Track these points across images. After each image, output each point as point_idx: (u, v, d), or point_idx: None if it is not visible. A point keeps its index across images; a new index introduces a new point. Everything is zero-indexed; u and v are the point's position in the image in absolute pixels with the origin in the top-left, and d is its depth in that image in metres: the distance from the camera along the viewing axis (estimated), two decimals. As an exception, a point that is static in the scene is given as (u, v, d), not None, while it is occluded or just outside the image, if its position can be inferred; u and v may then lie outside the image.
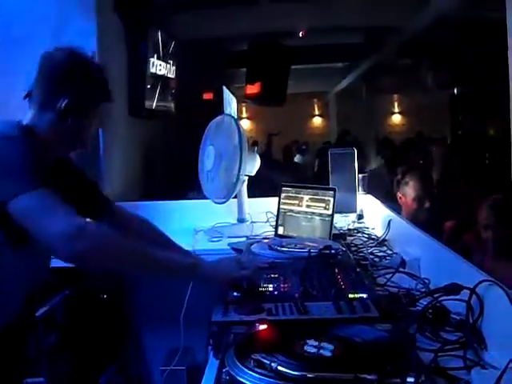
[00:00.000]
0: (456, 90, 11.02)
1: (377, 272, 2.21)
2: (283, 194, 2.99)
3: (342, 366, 1.11)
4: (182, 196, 4.16)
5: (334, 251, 2.14)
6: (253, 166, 3.29)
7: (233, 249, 2.82)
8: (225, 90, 9.44)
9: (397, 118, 15.38)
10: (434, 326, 1.58)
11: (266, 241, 2.54)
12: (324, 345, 1.24)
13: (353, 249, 2.59)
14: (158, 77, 5.00)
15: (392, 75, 11.54)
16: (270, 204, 3.35)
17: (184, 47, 6.22)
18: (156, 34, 4.83)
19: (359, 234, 2.99)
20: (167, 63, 5.27)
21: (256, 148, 3.44)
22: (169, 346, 3.21)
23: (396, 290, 1.93)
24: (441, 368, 1.31)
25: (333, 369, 1.10)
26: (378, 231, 3.03)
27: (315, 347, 1.23)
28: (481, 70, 8.30)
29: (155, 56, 4.87)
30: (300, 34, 7.36)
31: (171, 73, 5.44)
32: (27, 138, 1.74)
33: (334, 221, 2.82)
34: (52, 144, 1.84)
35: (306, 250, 2.16)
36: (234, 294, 1.71)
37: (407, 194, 3.39)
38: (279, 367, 1.11)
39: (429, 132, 10.88)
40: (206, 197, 3.35)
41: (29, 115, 1.85)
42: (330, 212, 2.77)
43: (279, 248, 2.24)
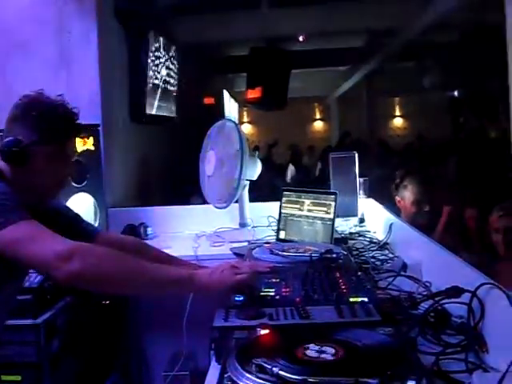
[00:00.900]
0: (456, 93, 11.03)
1: (378, 276, 2.21)
2: (284, 199, 2.99)
3: (343, 370, 1.11)
4: (184, 201, 4.17)
5: (335, 255, 2.14)
6: (254, 170, 3.29)
7: (234, 254, 2.82)
8: (225, 94, 9.48)
9: (398, 121, 15.39)
10: (436, 330, 1.58)
11: (268, 245, 2.54)
12: (325, 349, 1.24)
13: (354, 252, 2.59)
14: (159, 82, 5.02)
15: (393, 78, 11.56)
16: (271, 208, 3.35)
17: (185, 52, 6.24)
18: (157, 39, 4.83)
19: (361, 238, 2.99)
20: (168, 69, 5.29)
21: (257, 153, 3.43)
22: (171, 352, 3.21)
23: (397, 293, 1.92)
24: (442, 371, 1.31)
25: (334, 373, 1.10)
26: (380, 235, 3.03)
27: (316, 351, 1.23)
28: (481, 72, 8.31)
29: (156, 61, 4.88)
30: (300, 39, 7.39)
31: (172, 78, 5.46)
32: (3, 182, 1.75)
33: (336, 225, 2.82)
34: (15, 189, 1.78)
35: (308, 254, 2.15)
36: (236, 298, 1.71)
37: (406, 197, 3.40)
38: (281, 372, 1.11)
39: (430, 134, 10.89)
40: (207, 202, 3.36)
41: None
42: (331, 216, 2.77)
43: (280, 252, 2.23)
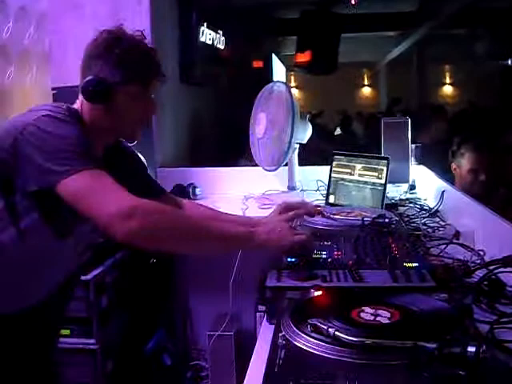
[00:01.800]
0: (510, 61, 10.74)
1: (430, 243, 2.18)
2: (335, 163, 2.97)
3: (400, 334, 1.10)
4: (233, 163, 4.17)
5: (387, 220, 2.12)
6: (304, 133, 3.27)
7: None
8: (274, 58, 9.41)
9: (448, 89, 15.10)
10: (490, 298, 1.55)
11: (318, 208, 2.53)
12: (380, 312, 1.23)
13: (405, 219, 2.56)
14: (208, 45, 5.01)
15: (445, 45, 11.30)
16: (320, 172, 3.33)
17: (234, 14, 6.19)
18: (206, 1, 4.83)
19: (411, 205, 2.95)
20: (217, 33, 5.27)
21: (308, 116, 3.40)
22: (216, 311, 3.24)
23: (450, 261, 1.90)
24: (497, 340, 1.29)
25: (391, 336, 1.09)
26: (431, 202, 2.99)
27: (371, 314, 1.22)
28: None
29: (205, 24, 4.87)
30: (352, 2, 7.25)
31: (220, 42, 5.44)
32: (75, 121, 1.68)
33: (386, 191, 2.80)
34: (95, 129, 1.78)
35: (359, 218, 2.14)
36: (288, 259, 1.70)
37: (462, 165, 3.31)
38: (337, 333, 1.10)
39: (480, 103, 10.65)
40: (256, 164, 3.36)
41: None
42: (382, 181, 2.74)
43: (332, 215, 2.22)
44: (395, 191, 3.18)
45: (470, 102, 10.55)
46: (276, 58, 9.35)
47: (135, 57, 1.78)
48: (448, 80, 15.08)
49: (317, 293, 1.37)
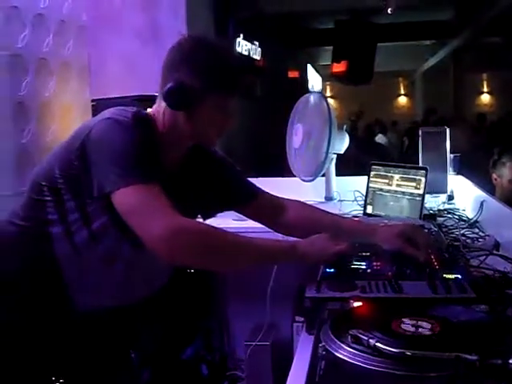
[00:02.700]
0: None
1: (469, 254, 2.16)
2: (373, 173, 2.96)
3: (441, 346, 1.10)
4: (270, 174, 4.17)
5: (426, 231, 2.11)
6: (341, 144, 3.27)
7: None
8: (310, 68, 9.42)
9: (485, 98, 14.95)
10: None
11: (356, 219, 2.53)
12: (421, 324, 1.23)
13: (444, 230, 2.54)
14: (244, 56, 5.04)
15: (482, 53, 11.20)
16: (357, 183, 3.32)
17: (269, 26, 6.23)
18: (243, 14, 4.86)
19: (449, 215, 2.92)
20: (253, 44, 5.30)
21: (345, 126, 3.40)
22: (254, 321, 3.24)
23: (490, 272, 1.88)
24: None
25: (432, 348, 1.09)
26: (469, 213, 2.96)
27: (412, 326, 1.22)
28: None
29: (241, 36, 4.90)
30: (388, 11, 7.22)
31: (256, 53, 5.47)
32: (140, 125, 1.65)
33: (424, 201, 2.78)
34: (170, 136, 1.76)
35: (398, 229, 2.12)
36: (327, 270, 1.71)
37: (504, 175, 3.26)
38: (378, 344, 1.10)
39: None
40: (293, 175, 3.36)
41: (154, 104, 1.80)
42: (421, 192, 2.73)
43: (370, 226, 2.21)
44: (433, 202, 3.16)
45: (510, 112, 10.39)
46: (311, 68, 9.37)
47: (222, 65, 1.74)
48: (485, 88, 14.94)
49: (356, 304, 1.38)
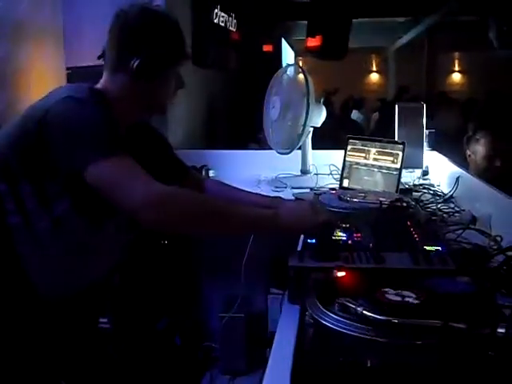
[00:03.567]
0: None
1: (446, 228, 2.18)
2: (349, 147, 2.97)
3: (428, 314, 1.11)
4: (243, 146, 4.17)
5: (405, 204, 2.12)
6: (319, 117, 3.26)
7: (297, 199, 2.81)
8: (284, 42, 9.34)
9: (457, 77, 15.04)
10: (509, 283, 1.56)
11: (334, 192, 2.53)
12: (405, 293, 1.23)
13: (420, 204, 2.56)
14: (221, 28, 4.99)
15: (456, 32, 11.24)
16: (333, 156, 3.33)
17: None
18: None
19: (425, 190, 2.95)
20: (229, 15, 5.24)
21: (322, 99, 3.40)
22: (227, 293, 3.25)
23: (469, 246, 1.90)
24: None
25: (419, 316, 1.10)
26: (444, 188, 2.98)
27: (397, 295, 1.22)
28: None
29: (218, 7, 4.84)
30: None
31: (232, 25, 5.41)
32: (100, 101, 1.66)
33: (401, 176, 2.80)
34: (125, 109, 1.77)
35: (377, 201, 2.14)
36: (308, 240, 1.71)
37: (478, 151, 3.28)
38: (365, 312, 1.11)
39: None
40: (268, 147, 3.36)
41: (102, 78, 1.79)
42: (397, 166, 2.75)
43: (349, 199, 2.22)
44: (408, 176, 3.18)
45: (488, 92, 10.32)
46: (285, 43, 9.33)
47: (176, 35, 1.80)
48: (457, 67, 15.02)
49: (340, 273, 1.38)
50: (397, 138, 3.27)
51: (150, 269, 3.05)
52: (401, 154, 2.76)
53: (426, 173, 3.33)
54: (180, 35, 1.82)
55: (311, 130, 3.25)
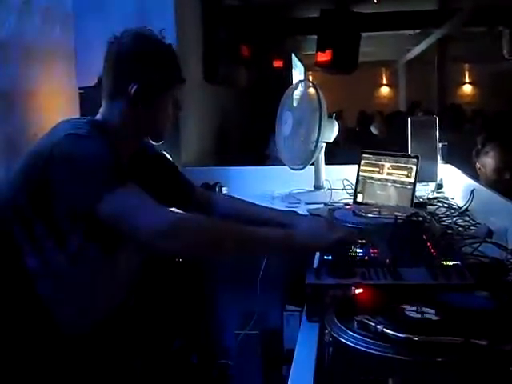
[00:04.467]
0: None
1: (462, 242, 2.17)
2: (363, 161, 2.96)
3: (448, 331, 1.09)
4: (258, 162, 4.18)
5: (421, 218, 2.11)
6: (331, 132, 3.26)
7: (312, 215, 2.80)
8: (294, 57, 9.37)
9: (468, 88, 15.03)
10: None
11: (349, 207, 2.52)
12: (425, 310, 1.22)
13: (435, 218, 2.55)
14: (231, 44, 5.01)
15: (465, 44, 11.24)
16: (346, 171, 3.33)
17: (254, 14, 6.20)
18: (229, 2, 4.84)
19: (439, 204, 2.94)
20: (238, 32, 5.28)
21: (334, 115, 3.40)
22: (243, 310, 3.24)
23: (486, 259, 1.89)
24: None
25: (439, 333, 1.09)
26: (458, 201, 2.97)
27: (416, 312, 1.21)
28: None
29: (229, 23, 4.88)
30: (375, 0, 7.23)
31: (243, 40, 5.45)
32: (101, 134, 1.66)
33: (415, 189, 2.79)
34: (125, 137, 1.79)
35: (392, 216, 2.13)
36: (324, 257, 1.70)
37: (487, 164, 3.27)
38: (385, 329, 1.10)
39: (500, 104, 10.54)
40: (278, 163, 3.36)
41: (101, 108, 1.80)
42: (412, 180, 2.74)
43: (364, 214, 2.21)
44: (422, 190, 3.17)
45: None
46: (295, 58, 9.36)
47: (171, 60, 1.82)
48: (468, 79, 15.01)
49: (358, 290, 1.37)
50: (410, 152, 3.27)
51: (164, 287, 3.05)
52: (415, 167, 2.75)
53: (440, 186, 3.32)
54: (174, 59, 1.83)
55: (324, 145, 3.25)
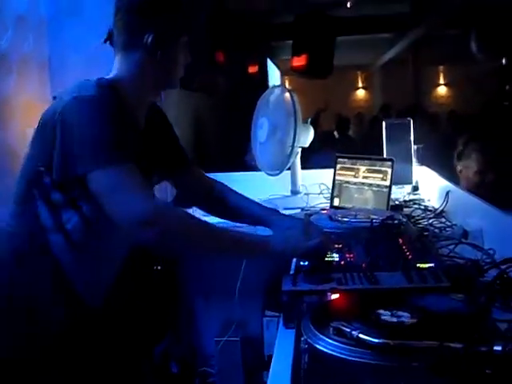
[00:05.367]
0: (505, 60, 10.74)
1: (438, 243, 2.18)
2: (339, 166, 2.97)
3: (423, 335, 1.10)
4: (234, 168, 4.17)
5: (397, 221, 2.12)
6: (306, 137, 3.27)
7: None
8: (269, 62, 9.37)
9: (443, 90, 15.14)
10: (504, 297, 1.55)
11: (325, 212, 2.53)
12: (400, 314, 1.22)
13: (411, 220, 2.56)
14: (205, 50, 5.00)
15: (439, 46, 11.32)
16: (322, 176, 3.33)
17: (229, 20, 6.21)
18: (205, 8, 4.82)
19: (415, 206, 2.95)
20: (214, 38, 5.27)
21: (310, 119, 3.41)
22: (222, 317, 3.23)
23: (461, 261, 1.90)
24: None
25: (415, 337, 1.09)
26: (434, 203, 2.99)
27: (392, 316, 1.22)
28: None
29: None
30: (348, 5, 7.27)
31: (217, 48, 5.44)
32: (107, 97, 1.65)
33: (391, 192, 2.80)
34: (142, 88, 1.80)
35: (368, 220, 2.13)
36: (301, 263, 1.70)
37: (469, 166, 3.26)
38: (361, 335, 1.10)
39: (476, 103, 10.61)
40: (256, 169, 3.36)
41: (115, 61, 1.81)
42: (387, 183, 2.74)
43: (340, 218, 2.21)
44: (398, 193, 3.19)
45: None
46: (270, 63, 9.38)
47: (181, 6, 1.81)
48: (442, 81, 15.13)
49: (334, 296, 1.37)
50: (385, 155, 3.28)
51: (144, 295, 3.03)
52: (390, 170, 2.75)
53: (416, 188, 3.34)
54: (184, 6, 1.83)
55: (300, 150, 3.25)
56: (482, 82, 11.32)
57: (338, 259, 1.74)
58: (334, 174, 2.97)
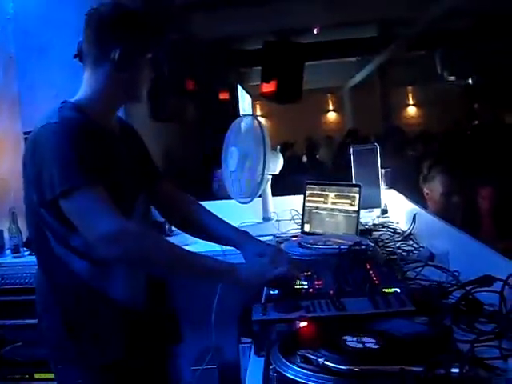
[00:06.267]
0: (471, 80, 10.95)
1: (406, 266, 2.22)
2: (308, 192, 3.01)
3: (386, 360, 1.14)
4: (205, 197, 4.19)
5: (364, 247, 2.17)
6: (276, 164, 3.32)
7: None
8: (240, 89, 9.44)
9: (412, 110, 15.36)
10: (469, 318, 1.60)
11: (295, 239, 2.57)
12: (365, 339, 1.27)
13: (380, 244, 2.61)
14: (174, 79, 5.05)
15: (406, 67, 11.51)
16: (293, 202, 3.38)
17: (197, 48, 6.27)
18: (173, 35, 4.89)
19: (384, 229, 3.00)
20: (182, 66, 5.32)
21: (278, 147, 3.46)
22: (198, 346, 3.24)
23: (427, 283, 1.95)
24: (478, 358, 1.33)
25: (378, 362, 1.13)
26: (403, 226, 3.04)
27: (357, 342, 1.26)
28: (496, 59, 8.27)
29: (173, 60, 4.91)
30: (315, 31, 7.38)
31: (188, 76, 5.49)
32: (71, 121, 1.76)
33: (359, 217, 2.84)
34: (109, 101, 1.90)
35: (336, 246, 2.18)
36: (271, 292, 1.74)
37: (434, 189, 3.33)
38: (326, 362, 1.14)
39: (444, 123, 10.75)
40: (227, 197, 3.40)
41: (84, 76, 1.91)
42: (355, 208, 2.79)
43: (309, 245, 2.26)
44: (368, 216, 3.24)
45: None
46: (241, 89, 9.45)
47: (147, 26, 1.93)
48: (411, 101, 15.35)
49: (302, 324, 1.41)
50: (354, 180, 3.34)
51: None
52: (357, 196, 2.80)
53: (385, 211, 3.39)
54: (151, 23, 1.94)
55: (270, 177, 3.30)
56: (449, 102, 11.52)
57: (307, 287, 1.78)
58: (304, 200, 3.02)
